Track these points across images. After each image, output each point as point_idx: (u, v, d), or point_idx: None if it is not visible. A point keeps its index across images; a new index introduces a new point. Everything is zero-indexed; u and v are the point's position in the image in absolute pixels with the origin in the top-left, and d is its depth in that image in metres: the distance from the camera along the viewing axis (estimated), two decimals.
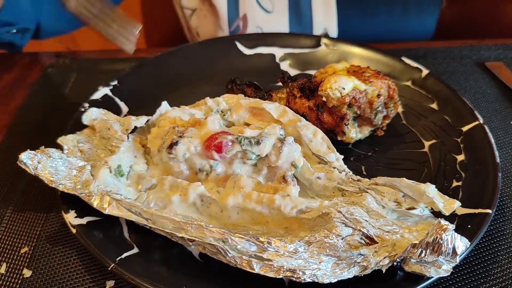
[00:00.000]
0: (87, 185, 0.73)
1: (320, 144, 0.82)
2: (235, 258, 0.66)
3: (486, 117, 0.98)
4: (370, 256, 0.66)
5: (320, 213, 0.70)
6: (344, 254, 0.66)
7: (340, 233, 0.67)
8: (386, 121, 0.92)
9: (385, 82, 0.88)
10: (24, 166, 0.74)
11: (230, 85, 0.94)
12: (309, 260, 0.65)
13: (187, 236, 0.68)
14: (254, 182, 0.76)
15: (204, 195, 0.74)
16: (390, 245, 0.67)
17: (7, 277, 0.72)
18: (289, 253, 0.65)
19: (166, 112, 0.86)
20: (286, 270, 0.64)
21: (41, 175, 0.73)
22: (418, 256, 0.64)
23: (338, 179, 0.77)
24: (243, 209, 0.73)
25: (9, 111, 1.05)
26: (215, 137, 0.76)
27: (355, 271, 0.65)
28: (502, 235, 0.78)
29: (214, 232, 0.67)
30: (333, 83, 0.85)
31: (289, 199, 0.72)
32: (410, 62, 1.05)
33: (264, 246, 0.66)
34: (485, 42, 1.25)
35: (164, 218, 0.70)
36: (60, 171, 0.75)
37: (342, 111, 0.86)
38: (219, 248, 0.66)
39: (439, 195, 0.72)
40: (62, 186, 0.73)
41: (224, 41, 1.15)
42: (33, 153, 0.75)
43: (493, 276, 0.72)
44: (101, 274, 0.72)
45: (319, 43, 1.13)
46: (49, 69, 1.16)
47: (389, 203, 0.73)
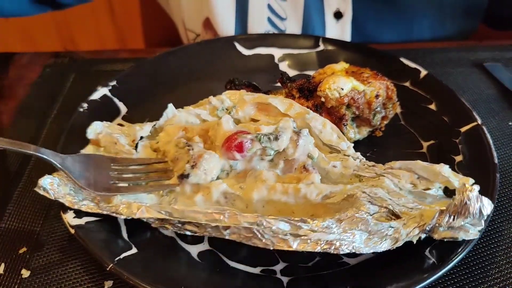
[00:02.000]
0: (108, 202, 0.73)
1: (330, 134, 0.83)
2: (271, 239, 0.67)
3: (484, 118, 0.98)
4: (400, 228, 0.68)
5: (345, 195, 0.72)
6: (375, 227, 0.68)
7: (368, 210, 0.69)
8: (384, 122, 0.92)
9: (383, 83, 0.89)
10: (44, 192, 0.73)
11: (229, 85, 0.94)
12: (343, 235, 0.67)
13: (221, 225, 0.68)
14: (274, 175, 0.77)
15: (227, 192, 0.74)
16: (417, 216, 0.69)
17: (6, 277, 0.72)
18: (323, 229, 0.67)
19: (173, 116, 0.86)
20: (324, 243, 0.66)
21: (62, 199, 0.73)
22: (446, 223, 0.67)
23: (354, 166, 0.79)
24: (268, 201, 0.74)
25: (8, 111, 1.04)
26: (234, 138, 0.76)
27: (387, 244, 0.68)
28: (500, 235, 0.78)
29: (248, 217, 0.68)
30: (331, 84, 0.85)
31: (314, 186, 0.73)
32: (409, 62, 1.05)
33: (298, 224, 0.67)
34: (483, 43, 1.25)
35: (196, 212, 0.70)
36: (79, 192, 0.74)
37: (341, 111, 0.86)
38: (254, 231, 0.67)
39: (454, 174, 0.74)
40: (84, 207, 0.73)
41: (223, 41, 1.15)
42: (51, 177, 0.74)
43: (491, 276, 0.73)
44: (100, 274, 0.72)
45: (318, 44, 1.13)
46: (48, 69, 1.16)
47: (406, 185, 0.75)
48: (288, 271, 0.71)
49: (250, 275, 0.71)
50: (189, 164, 0.75)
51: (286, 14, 1.25)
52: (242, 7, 1.25)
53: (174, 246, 0.74)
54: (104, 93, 0.96)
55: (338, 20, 1.26)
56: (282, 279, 0.70)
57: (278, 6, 1.24)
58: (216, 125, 0.80)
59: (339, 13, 1.25)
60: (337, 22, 1.26)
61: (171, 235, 0.75)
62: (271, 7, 1.24)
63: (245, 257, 0.73)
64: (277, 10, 1.25)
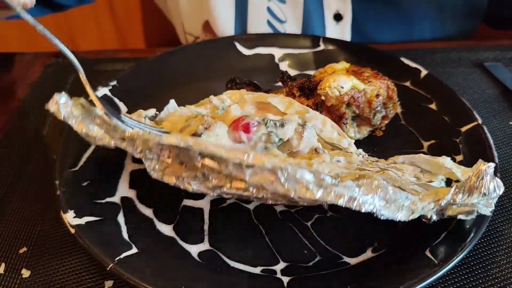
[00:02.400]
0: (117, 129, 0.72)
1: (330, 132, 0.83)
2: (294, 186, 0.66)
3: (485, 118, 0.98)
4: (417, 201, 0.68)
5: (357, 175, 0.71)
6: (393, 196, 0.68)
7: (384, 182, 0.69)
8: (385, 122, 0.92)
9: (384, 82, 0.89)
10: (56, 108, 0.71)
11: (230, 84, 0.94)
12: (364, 197, 0.67)
13: (245, 162, 0.66)
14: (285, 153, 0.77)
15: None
16: (432, 192, 0.70)
17: (6, 277, 0.72)
18: (344, 186, 0.66)
19: (175, 111, 0.86)
20: (347, 197, 0.66)
21: (70, 120, 0.71)
22: (461, 199, 0.68)
23: (358, 161, 0.79)
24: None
25: (8, 110, 1.05)
26: (242, 119, 0.77)
27: (403, 215, 0.68)
28: (500, 235, 0.78)
29: (272, 160, 0.67)
30: (331, 82, 0.85)
31: (325, 164, 0.73)
32: (409, 62, 1.05)
33: (321, 177, 0.66)
34: (483, 43, 1.25)
35: (218, 147, 0.67)
36: (87, 120, 0.73)
37: (341, 110, 0.86)
38: (278, 175, 0.66)
39: (456, 166, 0.75)
40: (93, 132, 0.72)
41: (223, 41, 1.15)
42: (66, 96, 0.72)
43: (492, 276, 0.73)
44: (100, 274, 0.72)
45: (318, 44, 1.13)
46: (48, 69, 1.16)
47: (409, 179, 0.75)
48: (288, 271, 0.71)
49: (250, 275, 0.71)
50: (203, 126, 0.75)
51: (285, 17, 1.25)
52: (242, 10, 1.24)
53: (175, 246, 0.74)
54: (105, 93, 0.97)
55: (338, 22, 1.26)
56: (282, 279, 0.70)
57: (278, 8, 1.24)
58: (225, 113, 0.80)
59: (338, 15, 1.25)
60: (337, 24, 1.26)
61: (172, 235, 0.75)
62: (271, 10, 1.24)
63: (245, 257, 0.73)
64: (277, 12, 1.25)
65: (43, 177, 0.87)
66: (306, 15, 1.24)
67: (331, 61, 0.95)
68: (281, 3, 1.23)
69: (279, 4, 1.23)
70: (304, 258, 0.73)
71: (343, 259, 0.73)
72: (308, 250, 0.74)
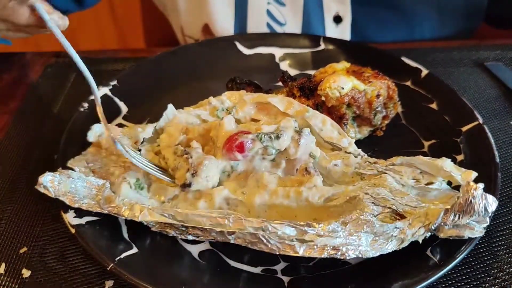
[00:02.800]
0: (110, 201, 0.73)
1: (330, 131, 0.83)
2: (277, 245, 0.67)
3: (485, 117, 0.98)
4: (405, 228, 0.68)
5: (347, 197, 0.72)
6: (381, 229, 0.68)
7: (372, 212, 0.69)
8: (385, 122, 0.92)
9: (384, 82, 0.88)
10: (44, 190, 0.73)
11: (230, 84, 0.94)
12: (349, 238, 0.67)
13: (226, 230, 0.68)
14: (276, 178, 0.76)
15: (229, 197, 0.74)
16: (422, 215, 0.69)
17: (6, 277, 0.72)
18: (329, 232, 0.66)
19: (174, 117, 0.85)
20: (330, 249, 0.66)
21: (62, 197, 0.72)
22: (452, 221, 0.67)
23: (355, 163, 0.79)
24: (270, 206, 0.73)
25: (9, 110, 1.04)
26: (235, 138, 0.76)
27: (393, 245, 0.68)
28: (501, 235, 0.78)
29: (253, 222, 0.68)
30: (332, 83, 0.85)
31: (315, 189, 0.73)
32: (410, 62, 1.05)
33: (304, 229, 0.67)
34: (484, 42, 1.25)
35: (200, 216, 0.69)
36: (80, 191, 0.74)
37: (341, 110, 0.86)
38: (260, 237, 0.67)
39: (456, 168, 0.75)
40: (85, 205, 0.72)
41: (224, 41, 1.15)
42: (52, 174, 0.73)
43: (493, 276, 0.72)
44: (100, 274, 0.72)
45: (319, 43, 1.13)
46: (49, 68, 1.16)
47: (408, 181, 0.75)
48: (289, 271, 0.71)
49: (251, 275, 0.71)
50: (190, 173, 0.74)
51: (285, 19, 1.25)
52: (241, 12, 1.24)
53: (175, 246, 0.74)
54: (105, 93, 0.96)
55: (338, 25, 1.26)
56: (283, 278, 0.70)
57: (277, 11, 1.24)
58: (218, 126, 0.80)
59: (338, 17, 1.25)
60: (337, 27, 1.26)
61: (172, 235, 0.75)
62: (270, 13, 1.24)
63: (246, 257, 0.73)
64: (276, 15, 1.25)
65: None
66: (306, 17, 1.24)
67: (332, 61, 0.95)
68: (280, 5, 1.23)
69: (279, 6, 1.23)
70: (304, 258, 0.72)
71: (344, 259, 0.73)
72: None
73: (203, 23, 1.27)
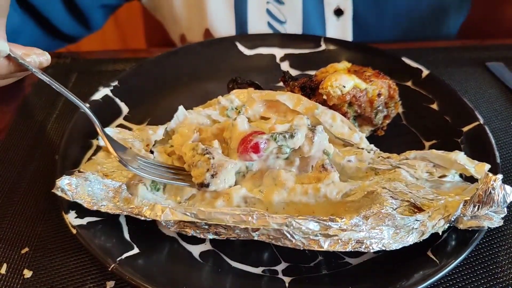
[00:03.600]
0: (128, 203, 0.73)
1: (341, 127, 0.83)
2: (301, 240, 0.67)
3: (486, 118, 0.98)
4: (426, 220, 0.69)
5: (365, 192, 0.73)
6: (402, 222, 0.68)
7: (392, 205, 0.70)
8: (386, 121, 0.92)
9: (385, 82, 0.89)
10: (62, 193, 0.71)
11: (231, 84, 0.94)
12: (371, 231, 0.67)
13: (250, 227, 0.68)
14: (293, 175, 0.76)
15: (247, 196, 0.74)
16: (442, 207, 0.70)
17: (8, 277, 0.72)
18: (352, 226, 0.67)
19: (185, 118, 0.85)
20: (354, 242, 0.67)
21: (80, 200, 0.72)
22: (471, 212, 0.68)
23: (369, 159, 0.79)
24: (288, 203, 0.74)
25: (10, 111, 1.05)
26: (250, 139, 0.75)
27: (414, 237, 0.68)
28: (502, 235, 0.78)
29: (277, 218, 0.68)
30: (333, 81, 0.85)
31: (333, 185, 0.74)
32: (411, 62, 1.05)
33: (327, 224, 0.67)
34: (485, 43, 1.25)
35: (223, 214, 0.69)
36: (97, 193, 0.73)
37: (343, 109, 0.86)
38: (284, 232, 0.67)
39: (469, 161, 0.76)
40: (104, 207, 0.72)
41: (225, 41, 1.15)
42: (69, 178, 0.73)
43: (494, 276, 0.72)
44: (102, 275, 0.72)
45: (319, 44, 1.13)
46: (50, 69, 1.15)
47: (422, 175, 0.76)
48: (290, 271, 0.71)
49: (252, 275, 0.71)
50: (210, 173, 0.74)
51: (285, 17, 1.25)
52: (241, 14, 1.24)
53: (176, 246, 0.74)
54: (106, 93, 0.96)
55: (339, 18, 1.26)
56: (284, 279, 0.70)
57: (277, 9, 1.24)
58: (231, 126, 0.79)
59: (339, 10, 1.25)
60: (338, 20, 1.26)
61: (173, 235, 0.75)
62: (270, 12, 1.24)
63: (247, 257, 0.73)
64: (276, 13, 1.25)
65: (45, 177, 0.87)
66: (306, 13, 1.24)
67: (332, 61, 0.95)
68: (279, 4, 1.23)
69: (278, 5, 1.23)
70: (305, 259, 0.73)
71: (345, 260, 0.73)
72: (309, 250, 0.74)
73: (204, 29, 1.27)
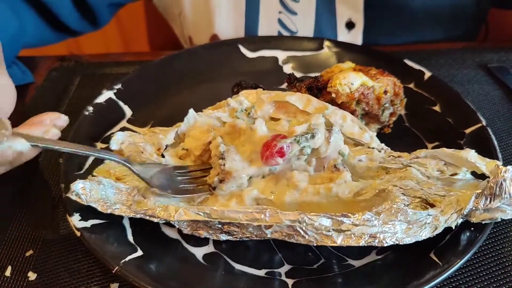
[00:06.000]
0: (141, 205, 0.73)
1: (351, 126, 0.84)
2: (314, 236, 0.68)
3: (489, 119, 0.98)
4: (438, 215, 0.69)
5: (376, 191, 0.73)
6: (414, 217, 0.69)
7: (403, 201, 0.70)
8: (392, 118, 0.92)
9: (390, 79, 0.89)
10: (76, 197, 0.72)
11: (236, 88, 0.94)
12: (384, 226, 0.68)
13: (263, 224, 0.69)
14: (306, 176, 0.77)
15: (259, 197, 0.74)
16: (454, 201, 0.70)
17: (12, 279, 0.73)
18: (364, 221, 0.67)
19: (195, 122, 0.85)
20: (368, 237, 0.67)
21: (94, 204, 0.72)
22: (483, 205, 0.68)
23: (379, 158, 0.80)
24: (300, 203, 0.74)
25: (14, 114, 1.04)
26: (274, 144, 0.75)
27: (427, 232, 0.69)
28: (505, 237, 0.78)
29: (289, 215, 0.68)
30: (342, 79, 0.86)
31: (345, 184, 0.74)
32: (413, 64, 1.05)
33: (340, 219, 0.68)
34: (487, 45, 1.25)
35: (236, 212, 0.70)
36: (110, 197, 0.74)
37: (351, 107, 0.86)
38: (297, 229, 0.68)
39: (480, 158, 0.76)
40: (118, 210, 0.72)
41: (227, 44, 1.15)
42: (82, 182, 0.73)
43: (497, 278, 0.72)
44: (105, 277, 0.73)
45: (322, 46, 1.13)
46: (53, 72, 1.16)
47: (433, 173, 0.77)
48: (293, 274, 0.71)
49: (255, 278, 0.71)
50: (218, 178, 0.75)
51: (296, 28, 1.24)
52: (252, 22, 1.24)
53: (180, 249, 0.74)
54: (109, 96, 0.97)
55: (350, 31, 1.25)
56: (287, 281, 0.70)
57: (289, 20, 1.24)
58: (249, 130, 0.79)
59: (351, 23, 1.25)
60: (349, 33, 1.25)
61: (177, 238, 0.76)
62: (282, 21, 1.24)
63: (250, 259, 0.73)
64: (288, 24, 1.24)
65: (49, 180, 0.87)
66: (318, 24, 1.24)
67: (335, 63, 0.95)
68: (292, 14, 1.23)
69: (290, 15, 1.23)
70: (308, 261, 0.73)
71: (348, 261, 0.73)
72: (312, 252, 0.74)
73: (212, 34, 1.27)
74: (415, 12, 1.24)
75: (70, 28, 1.24)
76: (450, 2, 1.24)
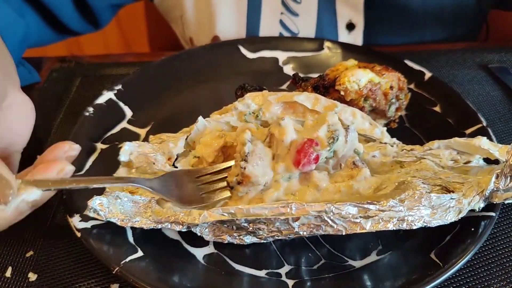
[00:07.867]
0: (161, 215, 0.72)
1: (362, 123, 0.84)
2: (343, 224, 0.68)
3: (489, 120, 0.98)
4: (461, 198, 0.70)
5: (396, 184, 0.73)
6: (438, 201, 0.69)
7: (425, 189, 0.71)
8: (398, 113, 0.92)
9: (395, 75, 0.90)
10: (94, 214, 0.70)
11: (239, 91, 0.93)
12: (409, 212, 0.68)
13: (290, 217, 0.69)
14: (326, 175, 0.76)
15: (280, 199, 0.74)
16: (474, 184, 0.71)
17: (13, 280, 0.73)
18: (390, 207, 0.68)
19: (204, 129, 0.84)
20: (396, 220, 0.68)
21: (113, 218, 0.71)
22: (504, 185, 0.69)
23: (393, 152, 0.80)
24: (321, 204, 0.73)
25: None
26: (311, 152, 0.74)
27: (452, 215, 0.69)
28: (505, 237, 0.78)
29: (315, 206, 0.69)
30: (350, 76, 0.86)
31: (365, 181, 0.75)
32: (413, 65, 1.05)
33: (365, 206, 0.68)
34: (488, 45, 1.25)
35: (262, 208, 0.69)
36: (128, 210, 0.72)
37: (360, 104, 0.87)
38: (325, 218, 0.68)
39: (493, 145, 0.77)
40: (138, 223, 0.71)
41: (228, 45, 1.15)
42: (99, 198, 0.71)
43: (497, 278, 0.72)
44: (106, 278, 0.73)
45: (322, 47, 1.13)
46: (54, 73, 1.16)
47: (447, 163, 0.77)
48: (293, 274, 0.71)
49: (255, 278, 0.71)
50: (237, 179, 0.74)
51: (298, 29, 1.24)
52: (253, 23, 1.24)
53: (180, 249, 0.74)
54: (110, 97, 0.97)
55: (350, 32, 1.26)
56: (287, 282, 0.70)
57: (290, 21, 1.24)
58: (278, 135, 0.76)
59: (351, 24, 1.25)
60: (349, 34, 1.26)
61: (177, 238, 0.76)
62: (283, 22, 1.24)
63: (250, 260, 0.73)
64: (289, 25, 1.24)
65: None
66: (319, 25, 1.24)
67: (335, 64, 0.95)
68: (294, 15, 1.23)
69: (292, 17, 1.23)
70: (309, 261, 0.73)
71: (348, 262, 0.73)
72: (312, 253, 0.74)
73: (213, 35, 1.27)
74: (415, 12, 1.24)
75: (71, 28, 1.24)
76: (450, 3, 1.24)
